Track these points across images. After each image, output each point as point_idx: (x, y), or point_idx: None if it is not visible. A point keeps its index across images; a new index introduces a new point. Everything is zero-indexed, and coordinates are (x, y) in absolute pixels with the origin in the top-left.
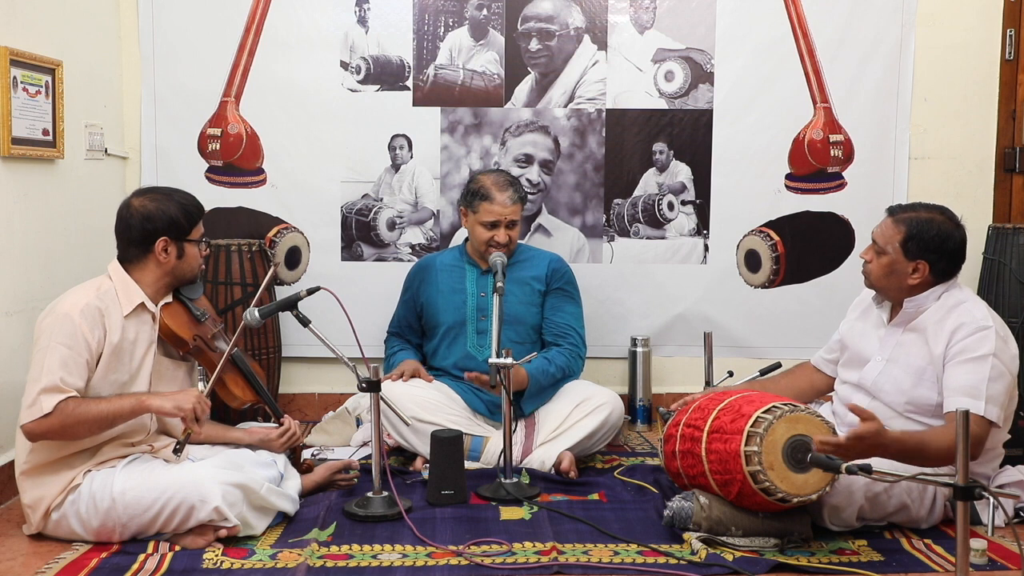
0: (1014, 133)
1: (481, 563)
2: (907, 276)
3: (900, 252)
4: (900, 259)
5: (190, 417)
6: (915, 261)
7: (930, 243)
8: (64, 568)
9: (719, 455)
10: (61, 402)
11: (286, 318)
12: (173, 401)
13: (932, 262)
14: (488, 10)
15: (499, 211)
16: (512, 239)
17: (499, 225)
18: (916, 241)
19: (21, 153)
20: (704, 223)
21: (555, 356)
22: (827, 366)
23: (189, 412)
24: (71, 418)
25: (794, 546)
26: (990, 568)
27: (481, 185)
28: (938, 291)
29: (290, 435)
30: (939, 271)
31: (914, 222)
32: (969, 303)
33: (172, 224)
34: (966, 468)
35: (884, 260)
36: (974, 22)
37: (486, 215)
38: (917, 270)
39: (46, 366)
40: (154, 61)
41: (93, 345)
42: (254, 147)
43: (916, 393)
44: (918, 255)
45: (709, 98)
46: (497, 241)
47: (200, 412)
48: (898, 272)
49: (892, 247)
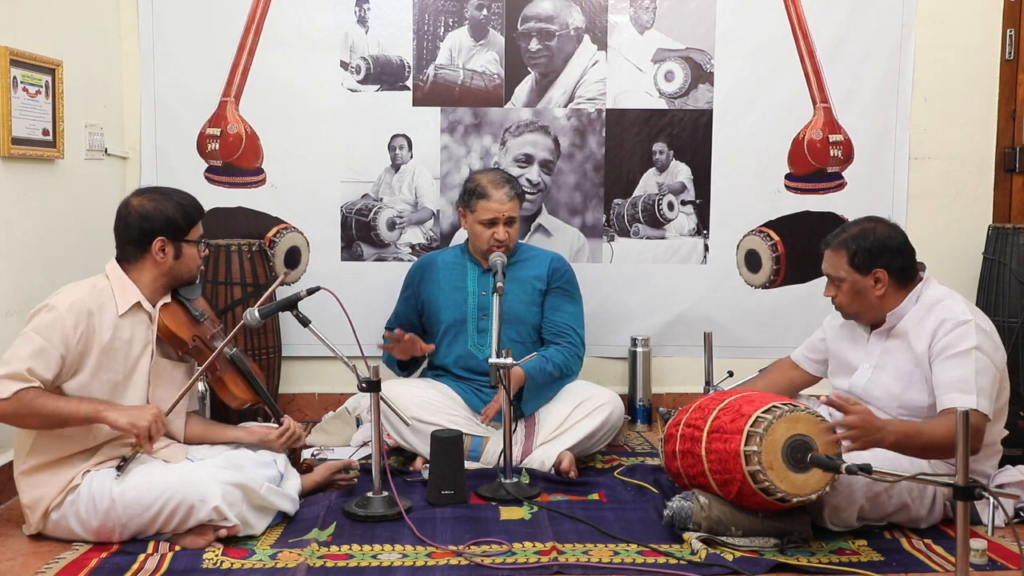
0: (1014, 133)
1: (481, 563)
2: (872, 291)
3: (853, 272)
4: (857, 278)
5: (143, 435)
6: (871, 273)
7: (874, 250)
8: (64, 568)
9: (719, 455)
10: (21, 390)
11: (286, 318)
12: (129, 416)
13: (886, 266)
14: (488, 10)
15: (496, 208)
16: (511, 236)
17: (497, 222)
18: (861, 255)
19: (21, 153)
20: (704, 223)
21: (553, 355)
22: (808, 364)
23: (143, 430)
24: (26, 408)
25: (794, 546)
26: (990, 568)
27: (477, 184)
28: (914, 295)
29: (290, 435)
30: (897, 271)
31: (850, 240)
32: (947, 300)
33: (169, 224)
34: (966, 468)
35: (845, 287)
36: (974, 22)
37: (484, 213)
38: (878, 280)
39: (17, 353)
40: (154, 61)
41: (72, 342)
42: (254, 147)
43: (907, 397)
44: (871, 266)
45: (709, 98)
46: (497, 239)
47: (155, 431)
48: (863, 291)
49: (844, 271)
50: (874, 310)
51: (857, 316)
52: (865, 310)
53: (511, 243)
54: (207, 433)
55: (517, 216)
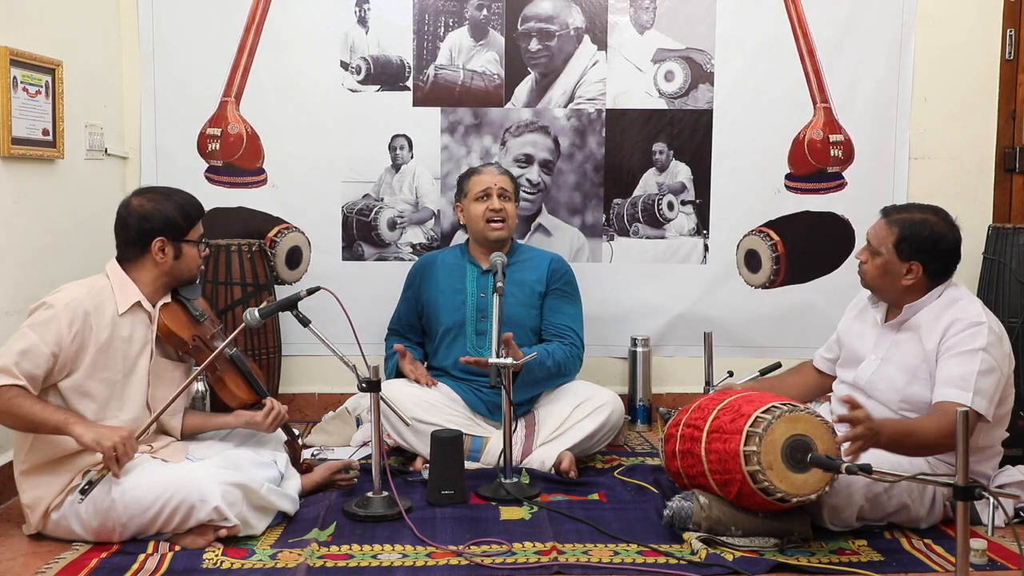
0: (1014, 133)
1: (481, 563)
2: (901, 277)
3: (894, 253)
4: (894, 260)
5: (109, 455)
6: (909, 262)
7: (923, 244)
8: (64, 568)
9: (719, 455)
10: (3, 386)
11: (286, 318)
12: (96, 434)
13: (925, 263)
14: (488, 10)
15: (488, 180)
16: (508, 213)
17: (491, 194)
18: (909, 242)
19: (21, 153)
20: (704, 223)
21: (554, 350)
22: (826, 365)
23: (107, 449)
24: (3, 404)
25: (794, 546)
26: (990, 568)
27: (467, 170)
28: (936, 292)
29: (275, 414)
30: (932, 272)
31: (907, 223)
32: (964, 300)
33: (169, 224)
34: (966, 468)
35: (878, 261)
36: (974, 22)
37: (476, 187)
38: (911, 271)
39: (10, 348)
40: (154, 61)
41: (66, 340)
42: (254, 147)
43: (910, 391)
44: (911, 256)
45: (709, 98)
46: (492, 211)
47: (121, 453)
48: (892, 273)
49: (886, 248)
50: (894, 294)
51: (874, 289)
52: (885, 289)
53: (510, 221)
54: (198, 423)
55: (511, 192)
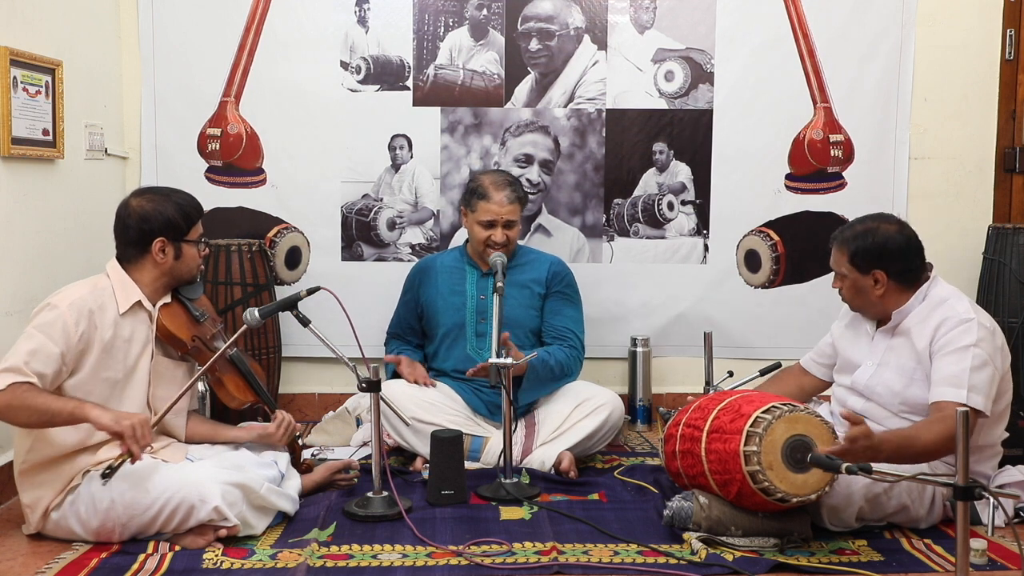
0: (1014, 133)
1: (481, 563)
2: (871, 290)
3: (854, 271)
4: (858, 277)
5: (127, 433)
6: (871, 273)
7: (874, 252)
8: (64, 568)
9: (718, 455)
10: (15, 383)
11: (286, 318)
12: (114, 415)
13: (886, 268)
14: (488, 10)
15: (496, 210)
16: (510, 239)
17: (496, 224)
18: (861, 255)
19: (21, 153)
20: (704, 223)
21: (555, 351)
22: (817, 368)
23: (127, 428)
24: (17, 400)
25: (794, 546)
26: (990, 568)
27: (479, 184)
28: (920, 293)
29: (287, 425)
30: (897, 274)
31: (852, 239)
32: (952, 299)
33: (169, 225)
34: (966, 468)
35: (847, 283)
36: (974, 22)
37: (483, 214)
38: (877, 281)
39: (17, 349)
40: (154, 61)
41: (73, 340)
42: (254, 147)
43: (908, 393)
44: (870, 267)
45: (709, 98)
46: (494, 241)
47: (140, 434)
48: (862, 289)
49: (845, 268)
50: (876, 307)
51: (861, 311)
52: (867, 306)
53: (511, 246)
54: (207, 433)
55: (517, 219)
